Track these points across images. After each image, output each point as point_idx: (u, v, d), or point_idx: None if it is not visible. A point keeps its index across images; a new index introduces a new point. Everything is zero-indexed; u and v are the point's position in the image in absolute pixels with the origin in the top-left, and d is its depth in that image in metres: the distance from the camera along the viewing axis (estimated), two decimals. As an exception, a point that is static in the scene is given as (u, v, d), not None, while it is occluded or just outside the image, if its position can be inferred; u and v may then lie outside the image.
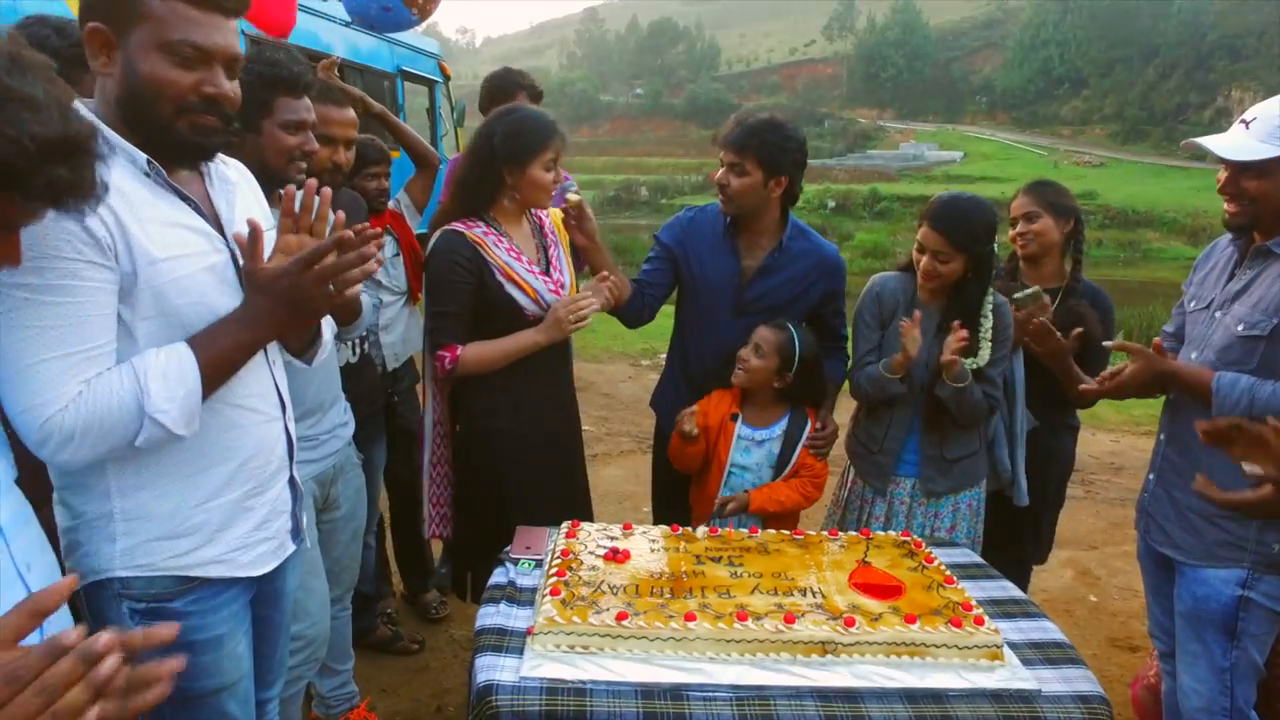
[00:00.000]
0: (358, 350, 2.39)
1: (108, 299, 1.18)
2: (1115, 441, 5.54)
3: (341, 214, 1.34)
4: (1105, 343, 2.18)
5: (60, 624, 1.04)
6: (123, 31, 1.19)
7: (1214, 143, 1.75)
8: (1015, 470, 2.46)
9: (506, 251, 2.16)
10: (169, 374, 1.19)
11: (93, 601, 1.28)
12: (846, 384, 2.52)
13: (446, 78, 9.08)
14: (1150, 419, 6.02)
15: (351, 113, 2.19)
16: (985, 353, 2.23)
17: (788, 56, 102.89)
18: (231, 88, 1.28)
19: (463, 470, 2.32)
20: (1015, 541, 2.58)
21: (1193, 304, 1.94)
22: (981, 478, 2.40)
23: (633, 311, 2.46)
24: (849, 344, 2.50)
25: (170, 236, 1.25)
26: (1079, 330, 2.29)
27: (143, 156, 1.24)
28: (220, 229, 1.36)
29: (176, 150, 1.28)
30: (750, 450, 2.34)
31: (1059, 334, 2.27)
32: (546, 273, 2.24)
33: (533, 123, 2.16)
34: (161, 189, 1.28)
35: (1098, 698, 1.47)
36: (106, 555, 1.27)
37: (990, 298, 2.27)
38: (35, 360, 1.11)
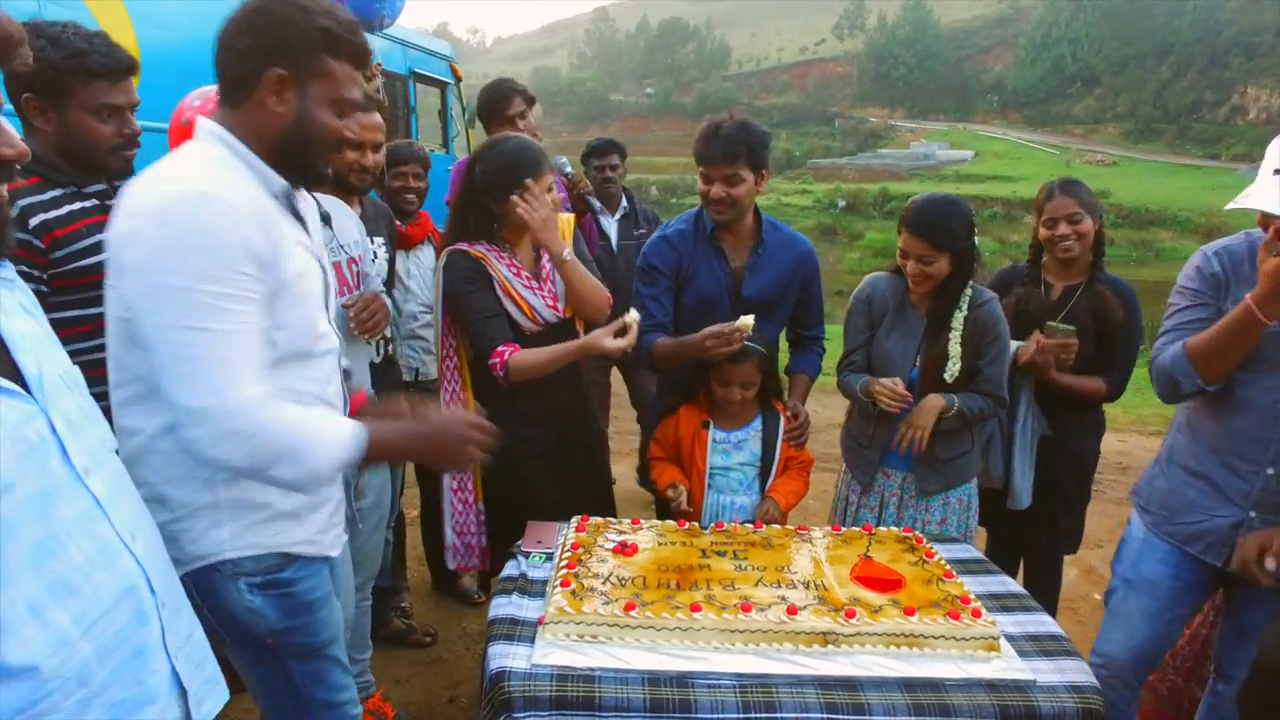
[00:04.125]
0: (381, 352, 2.45)
1: (264, 312, 1.28)
2: (1123, 442, 5.55)
3: None
4: None
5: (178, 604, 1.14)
6: (304, 82, 1.31)
7: (1261, 203, 1.66)
8: (1015, 474, 2.49)
9: (507, 267, 2.22)
10: (334, 454, 1.29)
11: (201, 584, 1.35)
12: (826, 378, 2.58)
13: (458, 79, 9.15)
14: (1159, 419, 6.01)
15: (378, 117, 2.27)
16: (955, 348, 2.24)
17: (798, 55, 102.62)
18: None
19: (491, 486, 2.37)
20: (1022, 534, 2.62)
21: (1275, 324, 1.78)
22: (973, 474, 2.43)
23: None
24: (824, 332, 2.61)
25: (296, 254, 1.37)
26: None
27: (280, 182, 1.36)
28: None
29: (309, 181, 1.44)
30: (729, 453, 2.37)
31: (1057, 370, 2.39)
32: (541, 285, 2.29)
33: (510, 157, 2.18)
34: (285, 211, 1.39)
35: (1091, 687, 1.51)
36: (215, 540, 1.36)
37: (969, 291, 2.28)
38: (227, 358, 1.20)
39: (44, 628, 0.91)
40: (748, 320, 2.14)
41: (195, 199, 1.20)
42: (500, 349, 2.16)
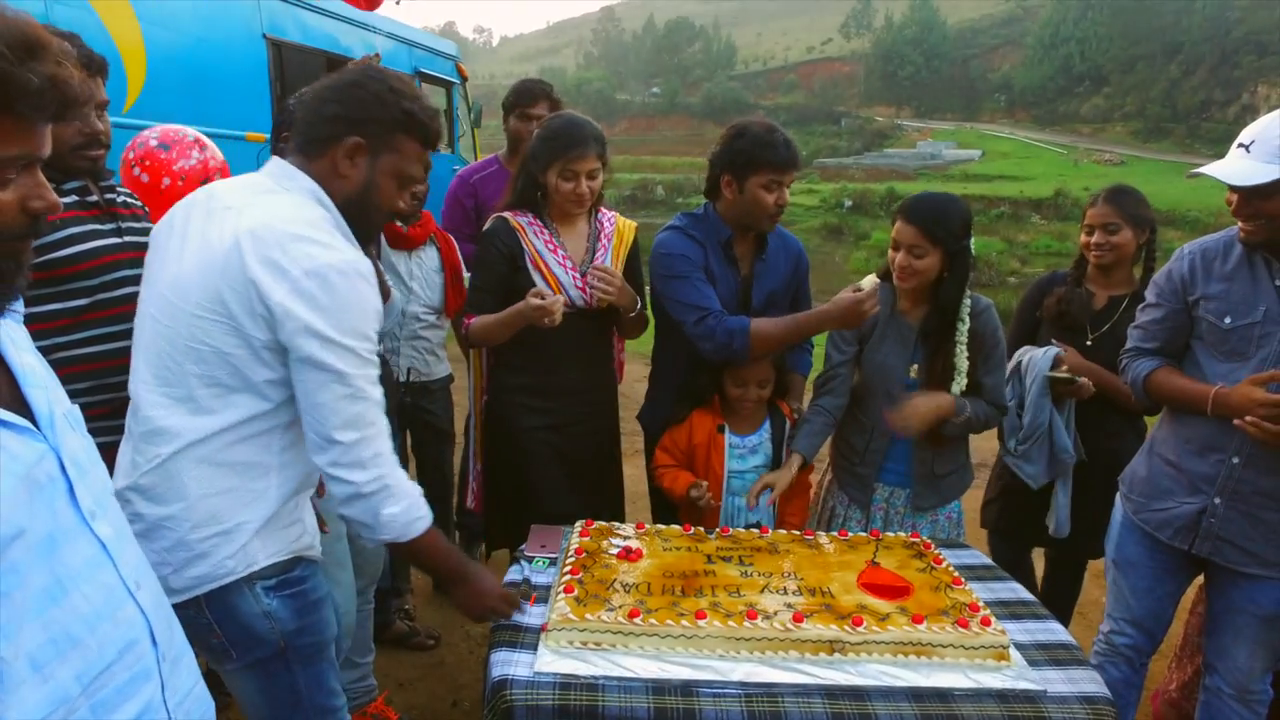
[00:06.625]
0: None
1: None
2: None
3: None
4: None
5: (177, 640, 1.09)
6: (376, 152, 1.43)
7: (1219, 170, 1.78)
8: (1057, 502, 2.46)
9: (544, 243, 2.27)
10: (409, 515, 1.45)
11: (217, 599, 1.36)
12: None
13: (464, 79, 9.14)
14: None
15: None
16: (962, 361, 2.18)
17: (805, 55, 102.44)
18: None
19: (486, 443, 2.51)
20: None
21: (1229, 319, 1.85)
22: (964, 490, 2.39)
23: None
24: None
25: None
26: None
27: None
28: None
29: (362, 241, 1.51)
30: (745, 457, 2.34)
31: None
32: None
33: (558, 130, 2.22)
34: None
35: (1103, 699, 1.49)
36: (250, 552, 1.38)
37: (968, 300, 2.19)
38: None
39: (44, 683, 0.84)
40: (873, 279, 2.13)
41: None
42: (471, 316, 2.30)
